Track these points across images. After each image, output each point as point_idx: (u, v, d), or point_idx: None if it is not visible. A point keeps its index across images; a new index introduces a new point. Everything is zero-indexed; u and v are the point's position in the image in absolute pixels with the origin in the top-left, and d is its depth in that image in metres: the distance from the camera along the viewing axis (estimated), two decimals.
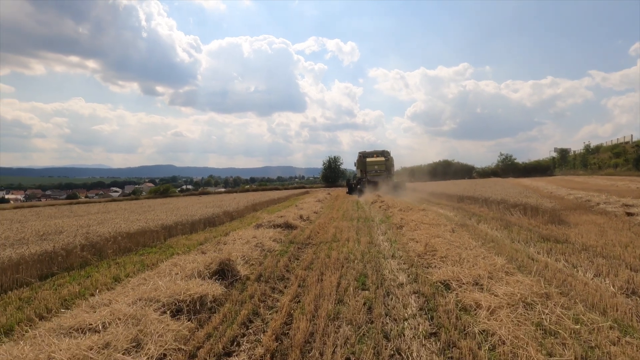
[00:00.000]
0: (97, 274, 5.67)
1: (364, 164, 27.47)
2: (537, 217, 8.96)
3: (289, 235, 8.57)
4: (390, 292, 4.45)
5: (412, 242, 6.86)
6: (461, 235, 7.30)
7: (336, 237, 8.07)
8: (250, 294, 4.50)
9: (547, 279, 4.49)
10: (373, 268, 5.43)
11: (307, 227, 9.87)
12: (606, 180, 28.03)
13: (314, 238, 8.19)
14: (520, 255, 5.70)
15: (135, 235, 7.81)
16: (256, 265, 5.84)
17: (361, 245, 7.02)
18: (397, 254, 6.32)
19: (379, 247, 6.94)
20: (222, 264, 4.95)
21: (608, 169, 43.63)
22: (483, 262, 5.04)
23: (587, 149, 53.10)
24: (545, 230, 7.70)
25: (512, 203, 10.37)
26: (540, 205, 9.08)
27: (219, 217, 11.87)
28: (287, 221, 9.78)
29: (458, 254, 5.56)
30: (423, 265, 5.44)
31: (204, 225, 10.76)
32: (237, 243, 7.10)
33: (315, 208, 14.94)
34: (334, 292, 4.45)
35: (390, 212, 12.22)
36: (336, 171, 55.91)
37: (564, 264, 5.33)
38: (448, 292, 4.30)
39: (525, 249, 6.25)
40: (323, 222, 10.65)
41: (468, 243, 6.41)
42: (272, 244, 7.27)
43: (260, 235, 7.88)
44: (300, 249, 7.13)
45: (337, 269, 5.41)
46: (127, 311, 3.46)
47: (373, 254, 6.39)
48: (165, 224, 8.99)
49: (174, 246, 7.87)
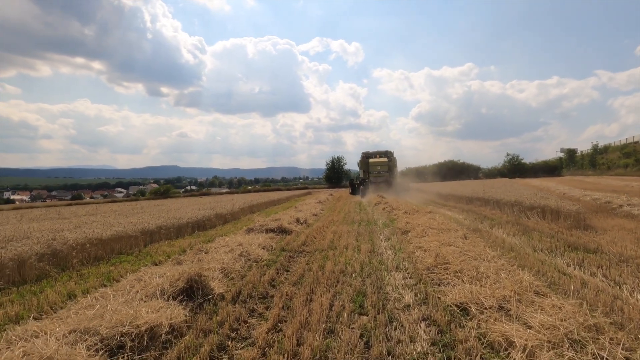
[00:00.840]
0: (50, 289, 4.85)
1: (366, 165, 27.01)
2: (558, 221, 8.04)
3: (281, 241, 7.72)
4: (394, 318, 3.58)
5: (420, 250, 5.97)
6: (475, 242, 6.41)
7: (334, 244, 7.21)
8: (220, 319, 3.65)
9: (590, 302, 3.61)
10: (373, 284, 4.57)
11: (303, 231, 9.02)
12: (618, 180, 26.92)
13: (309, 245, 7.34)
14: (548, 269, 4.81)
15: (109, 241, 7.01)
16: (237, 279, 4.99)
17: (361, 254, 6.15)
18: (402, 266, 5.45)
19: (382, 257, 6.07)
20: (191, 280, 4.11)
21: (618, 169, 42.35)
22: (507, 279, 4.15)
23: (595, 149, 51.87)
24: (571, 236, 6.78)
25: (528, 205, 9.44)
26: (561, 208, 8.15)
27: (210, 220, 11.05)
28: (281, 225, 8.93)
29: (475, 267, 4.68)
30: (433, 281, 4.56)
31: (192, 229, 9.94)
32: (220, 251, 6.26)
33: (315, 210, 14.08)
34: (324, 317, 3.60)
35: (395, 215, 11.34)
36: (340, 172, 55.04)
37: (603, 280, 4.44)
38: (467, 320, 3.42)
39: (552, 261, 5.35)
40: (321, 226, 9.79)
41: (485, 253, 5.51)
42: (260, 252, 6.43)
43: (249, 242, 7.04)
44: (292, 259, 6.27)
45: (331, 286, 4.56)
46: (48, 351, 2.63)
47: (374, 265, 5.52)
48: (146, 229, 8.18)
49: (153, 254, 7.06)
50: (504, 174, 55.87)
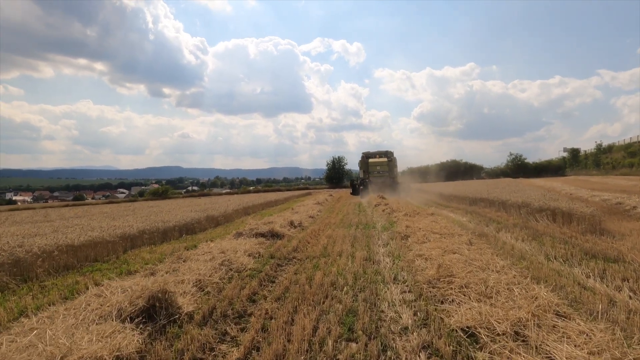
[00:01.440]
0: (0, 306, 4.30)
1: (366, 165, 26.87)
2: (571, 225, 7.43)
3: (271, 247, 7.14)
4: (389, 346, 3.01)
5: (421, 259, 5.38)
6: (481, 249, 5.81)
7: (327, 250, 6.62)
8: (182, 346, 3.08)
9: (623, 327, 3.02)
10: (367, 300, 3.99)
11: (296, 236, 8.44)
12: (626, 180, 26.20)
13: (300, 251, 6.76)
14: (566, 282, 4.22)
15: (83, 248, 6.45)
16: (213, 293, 4.42)
17: (355, 263, 5.57)
18: (401, 277, 4.86)
19: (378, 266, 5.48)
20: (153, 298, 3.53)
21: (623, 169, 41.57)
22: (521, 296, 3.57)
23: (598, 149, 51.12)
24: (586, 242, 6.18)
25: (536, 207, 8.83)
26: (574, 211, 7.54)
27: (199, 224, 10.49)
28: (272, 229, 8.35)
29: (483, 280, 4.09)
30: (436, 297, 3.97)
31: (179, 233, 9.38)
32: (201, 259, 5.68)
33: (312, 212, 13.50)
34: (306, 344, 3.03)
35: (395, 217, 10.75)
36: (340, 172, 54.44)
37: (631, 296, 3.84)
38: (476, 350, 2.84)
39: (569, 271, 4.75)
40: (316, 230, 9.21)
41: (493, 262, 4.92)
42: (245, 260, 5.85)
43: (235, 248, 6.47)
44: (280, 267, 5.70)
45: (318, 302, 3.98)
46: None
47: (369, 276, 4.93)
48: (127, 234, 7.62)
49: (130, 261, 6.50)
50: (507, 173, 55.11)
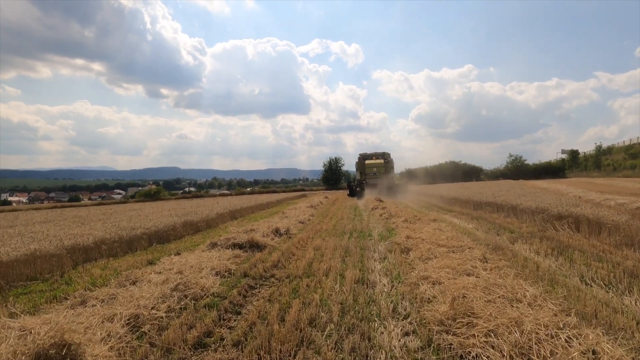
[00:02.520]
0: None
1: (363, 166, 26.57)
2: (600, 235, 6.35)
3: (247, 261, 6.03)
4: None
5: (426, 283, 4.28)
6: (500, 268, 4.71)
7: (312, 267, 5.51)
8: None
9: None
10: (357, 348, 2.89)
11: (280, 246, 7.33)
12: (632, 182, 25.24)
13: (281, 267, 5.66)
14: (626, 322, 3.13)
15: (16, 264, 5.33)
16: (150, 335, 3.30)
17: (344, 287, 4.46)
18: (402, 308, 3.76)
19: (373, 290, 4.38)
20: (41, 356, 2.42)
21: (625, 171, 40.69)
22: (575, 350, 2.48)
23: (598, 150, 50.33)
24: (627, 259, 5.08)
25: (554, 214, 7.74)
26: (603, 219, 6.45)
27: (175, 230, 9.36)
28: (252, 238, 7.23)
29: (514, 320, 2.99)
30: (452, 349, 2.86)
31: (149, 241, 8.25)
32: (154, 281, 4.57)
33: (304, 216, 12.38)
34: None
35: (393, 223, 9.66)
36: (337, 173, 53.33)
37: None
38: None
39: (619, 301, 3.67)
40: (305, 239, 8.11)
41: (520, 289, 3.81)
42: (209, 282, 4.74)
43: (201, 265, 5.35)
44: (251, 291, 4.58)
45: (288, 352, 2.88)
46: None
47: (361, 306, 3.83)
48: (79, 245, 6.49)
49: (75, 280, 5.37)
50: (506, 175, 54.18)
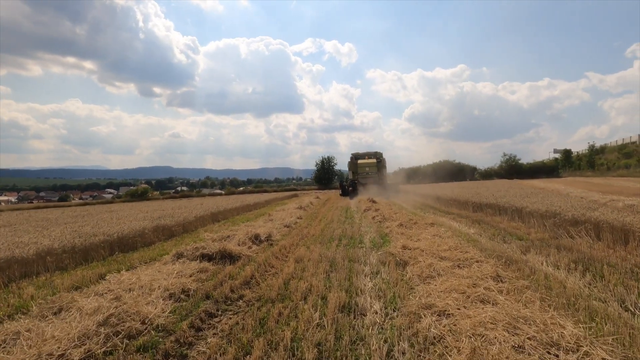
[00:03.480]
0: None
1: (355, 166, 26.39)
2: (628, 246, 5.48)
3: (214, 277, 5.05)
4: None
5: (430, 314, 3.34)
6: (520, 290, 3.79)
7: (289, 286, 4.54)
8: None
9: None
10: None
11: (257, 256, 6.35)
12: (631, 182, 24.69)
13: (253, 286, 4.69)
14: None
15: None
16: None
17: (326, 317, 3.50)
18: (399, 353, 2.82)
19: (362, 321, 3.43)
20: None
21: (619, 170, 40.41)
22: None
23: (591, 150, 50.18)
24: None
25: (569, 218, 6.87)
26: (630, 225, 5.57)
27: (144, 236, 8.33)
28: (225, 247, 6.24)
29: None
30: None
31: (111, 250, 7.24)
32: (85, 310, 3.58)
33: (291, 219, 11.41)
34: None
35: (387, 228, 8.74)
36: (330, 172, 52.41)
37: None
38: None
39: None
40: (287, 246, 7.15)
41: (555, 325, 2.90)
42: (157, 308, 3.75)
43: (151, 284, 4.36)
44: (207, 323, 3.61)
45: None
46: None
47: (345, 349, 2.89)
48: (15, 257, 5.46)
49: None
50: (500, 174, 53.75)
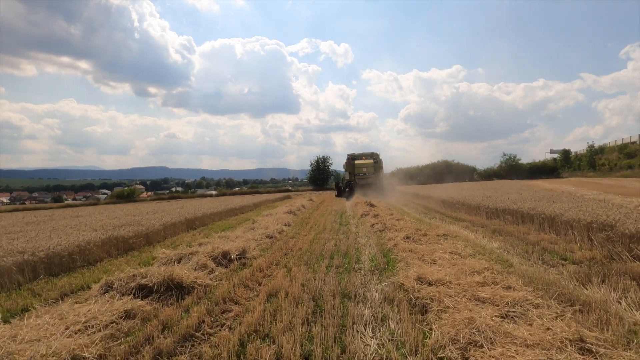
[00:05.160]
0: None
1: (352, 166, 25.85)
2: None
3: (140, 329, 3.41)
4: None
5: None
6: None
7: (247, 352, 2.93)
8: None
9: None
10: None
11: (218, 286, 4.70)
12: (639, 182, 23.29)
13: (194, 345, 3.06)
14: None
15: None
16: None
17: None
18: None
19: None
20: None
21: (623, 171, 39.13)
22: None
23: (591, 150, 49.04)
24: None
25: (632, 232, 5.26)
26: None
27: (87, 253, 6.66)
28: (172, 275, 4.58)
29: None
30: None
31: (34, 274, 5.57)
32: None
33: (276, 227, 9.77)
34: None
35: (390, 241, 7.13)
36: (325, 172, 50.79)
37: None
38: None
39: None
40: (263, 268, 5.53)
41: None
42: None
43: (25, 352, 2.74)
44: None
45: None
46: None
47: None
48: None
49: None
50: (500, 175, 52.39)
